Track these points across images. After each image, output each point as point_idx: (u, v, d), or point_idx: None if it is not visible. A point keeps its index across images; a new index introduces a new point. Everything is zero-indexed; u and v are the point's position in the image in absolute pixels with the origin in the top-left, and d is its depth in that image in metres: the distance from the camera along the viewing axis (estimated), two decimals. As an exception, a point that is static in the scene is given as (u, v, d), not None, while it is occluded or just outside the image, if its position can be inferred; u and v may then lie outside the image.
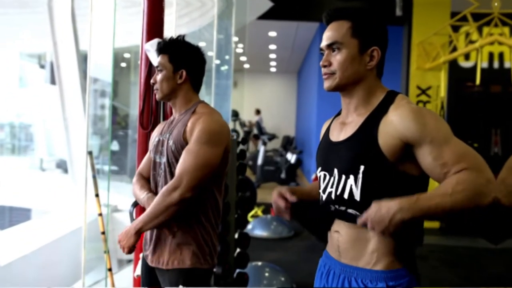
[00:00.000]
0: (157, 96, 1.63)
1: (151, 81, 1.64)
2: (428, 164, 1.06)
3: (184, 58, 1.61)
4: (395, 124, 1.08)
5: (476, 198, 0.99)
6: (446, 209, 1.00)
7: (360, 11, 1.16)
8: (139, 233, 1.50)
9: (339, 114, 1.28)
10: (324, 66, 1.17)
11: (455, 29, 5.81)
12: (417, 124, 1.06)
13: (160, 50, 1.63)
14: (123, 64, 8.99)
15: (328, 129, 1.28)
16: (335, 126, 1.25)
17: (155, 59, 1.68)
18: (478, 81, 4.52)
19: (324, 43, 1.18)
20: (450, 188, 1.00)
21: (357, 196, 1.12)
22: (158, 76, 1.60)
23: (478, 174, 1.01)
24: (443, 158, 1.04)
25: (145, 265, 1.68)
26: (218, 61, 6.38)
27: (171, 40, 1.64)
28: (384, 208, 1.02)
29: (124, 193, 5.21)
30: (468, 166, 1.02)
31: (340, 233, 1.18)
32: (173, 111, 1.66)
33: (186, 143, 1.52)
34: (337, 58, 1.15)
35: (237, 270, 2.68)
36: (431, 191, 1.04)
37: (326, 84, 1.17)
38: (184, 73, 1.60)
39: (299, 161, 9.98)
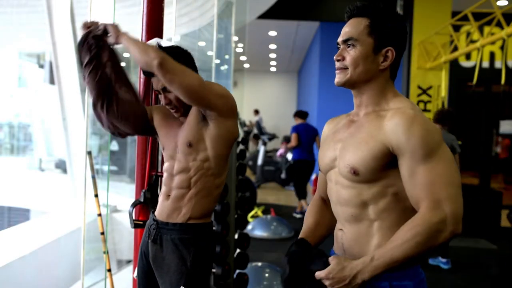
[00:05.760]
0: (178, 114, 1.60)
1: (165, 101, 1.56)
2: (404, 180, 1.08)
3: (187, 66, 1.60)
4: (386, 130, 1.08)
5: (428, 241, 1.02)
6: (400, 260, 1.03)
7: (380, 10, 1.16)
8: None
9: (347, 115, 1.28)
10: (338, 61, 1.17)
11: (456, 28, 5.80)
12: (403, 134, 1.05)
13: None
14: (123, 64, 8.97)
15: (335, 127, 1.27)
16: (344, 124, 1.24)
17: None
18: (475, 80, 4.52)
19: (340, 38, 1.18)
20: (400, 239, 1.03)
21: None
22: (172, 95, 1.55)
23: (434, 212, 1.01)
24: (418, 180, 1.05)
25: (142, 267, 1.66)
26: (218, 61, 6.36)
27: (174, 52, 1.56)
28: (348, 269, 1.05)
29: (123, 194, 5.20)
30: (427, 204, 1.02)
31: (343, 231, 1.19)
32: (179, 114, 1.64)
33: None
34: (350, 54, 1.15)
35: (237, 271, 2.66)
36: (389, 242, 1.05)
37: (337, 78, 1.18)
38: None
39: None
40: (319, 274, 1.08)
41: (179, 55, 1.56)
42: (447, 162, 1.05)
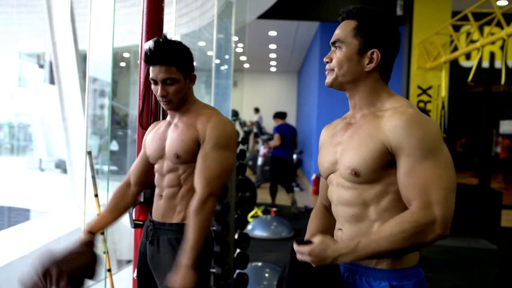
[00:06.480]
0: (168, 107, 1.58)
1: (162, 93, 1.53)
2: (399, 178, 1.08)
3: (190, 63, 1.60)
4: (385, 130, 1.08)
5: (414, 239, 1.02)
6: (383, 252, 1.04)
7: (367, 12, 1.16)
8: (195, 261, 1.44)
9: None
10: (327, 62, 1.20)
11: (456, 28, 5.81)
12: (402, 134, 1.05)
13: (163, 61, 1.51)
14: (123, 64, 8.98)
15: (332, 131, 1.27)
16: (341, 127, 1.24)
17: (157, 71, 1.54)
18: (470, 78, 4.53)
19: (331, 40, 1.20)
20: (388, 231, 1.03)
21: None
22: (171, 89, 1.53)
23: (424, 213, 1.02)
24: (412, 179, 1.05)
25: (141, 268, 1.66)
26: (218, 61, 6.37)
27: (169, 48, 1.53)
28: (330, 250, 1.05)
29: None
30: (418, 204, 1.03)
31: (343, 231, 1.19)
32: (174, 114, 1.63)
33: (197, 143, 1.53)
34: (336, 56, 1.17)
35: (237, 271, 2.66)
36: (376, 231, 1.06)
37: (326, 79, 1.20)
38: (194, 78, 1.61)
39: (299, 161, 9.97)
40: (302, 249, 1.07)
41: (181, 51, 1.56)
42: (444, 165, 1.05)
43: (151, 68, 1.54)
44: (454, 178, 1.06)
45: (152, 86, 1.56)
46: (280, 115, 6.61)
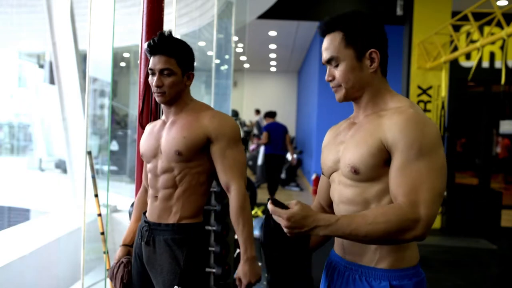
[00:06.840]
0: (161, 99, 1.57)
1: (157, 83, 1.53)
2: (390, 174, 1.07)
3: (190, 61, 1.60)
4: (384, 128, 1.09)
5: (395, 233, 1.01)
6: (359, 237, 1.02)
7: (348, 19, 1.15)
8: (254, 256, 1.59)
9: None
10: (330, 81, 1.19)
11: (456, 28, 5.80)
12: (399, 132, 1.06)
13: (164, 52, 1.53)
14: (123, 64, 8.97)
15: (336, 131, 1.28)
16: (344, 127, 1.25)
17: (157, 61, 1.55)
18: (470, 76, 4.55)
19: (323, 59, 1.19)
20: (372, 217, 1.01)
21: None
22: (167, 80, 1.53)
23: (411, 210, 1.01)
24: (402, 176, 1.04)
25: (136, 268, 1.66)
26: (218, 61, 6.37)
27: (172, 41, 1.55)
28: (310, 219, 1.02)
29: (123, 193, 5.19)
30: (407, 201, 1.02)
31: None
32: (169, 112, 1.62)
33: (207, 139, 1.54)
34: (338, 72, 1.17)
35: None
36: (359, 214, 1.04)
37: (337, 96, 1.20)
38: (192, 76, 1.62)
39: (299, 161, 9.97)
40: (280, 212, 1.02)
41: (184, 46, 1.57)
42: (436, 168, 1.04)
43: (151, 59, 1.55)
44: (444, 183, 1.05)
45: (149, 78, 1.57)
46: (270, 114, 6.90)
